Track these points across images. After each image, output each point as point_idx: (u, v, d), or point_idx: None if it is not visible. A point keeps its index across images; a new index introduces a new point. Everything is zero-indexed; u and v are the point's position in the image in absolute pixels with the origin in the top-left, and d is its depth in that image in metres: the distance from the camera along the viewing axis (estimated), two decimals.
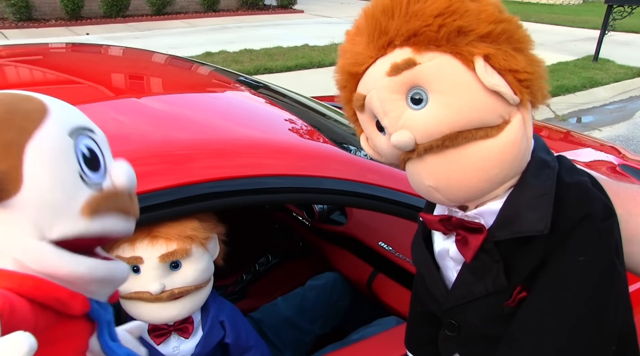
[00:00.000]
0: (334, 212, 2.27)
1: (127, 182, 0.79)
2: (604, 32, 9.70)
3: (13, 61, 2.16)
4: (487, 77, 0.80)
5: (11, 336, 0.53)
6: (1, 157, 0.63)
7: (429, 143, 0.85)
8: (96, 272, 0.72)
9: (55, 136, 0.69)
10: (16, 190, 0.64)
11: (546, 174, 0.88)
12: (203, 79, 2.32)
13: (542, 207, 0.85)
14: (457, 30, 0.81)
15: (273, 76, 8.12)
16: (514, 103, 0.83)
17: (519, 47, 0.82)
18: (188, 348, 1.39)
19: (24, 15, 12.60)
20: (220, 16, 15.38)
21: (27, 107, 0.69)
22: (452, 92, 0.82)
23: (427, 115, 0.84)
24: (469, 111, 0.82)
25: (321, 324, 2.09)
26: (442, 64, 0.82)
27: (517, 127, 0.84)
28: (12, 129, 0.65)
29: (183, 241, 1.26)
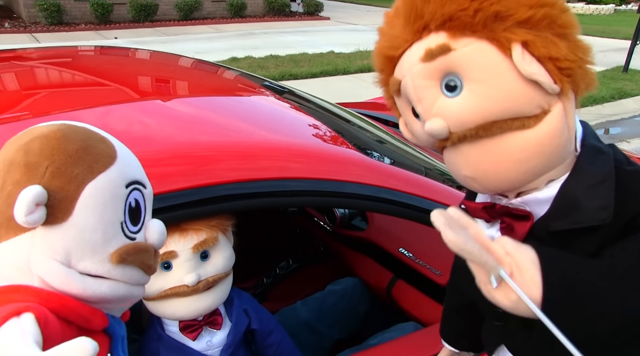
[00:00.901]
0: (355, 218, 2.27)
1: (157, 240, 0.84)
2: (635, 43, 9.56)
3: (44, 63, 2.21)
4: (525, 65, 0.76)
5: (77, 340, 0.57)
6: (62, 187, 0.69)
7: (462, 133, 0.83)
8: (117, 292, 0.77)
9: (114, 183, 0.74)
10: (64, 219, 0.69)
11: (602, 160, 0.84)
12: (228, 82, 2.34)
13: (603, 195, 0.81)
14: (494, 15, 0.77)
15: (298, 82, 8.15)
16: (554, 92, 0.79)
17: (562, 33, 0.78)
18: (220, 339, 1.42)
19: (55, 19, 12.83)
20: (247, 22, 15.49)
21: (99, 149, 0.75)
22: (487, 80, 0.79)
23: (461, 103, 0.81)
24: (504, 101, 0.79)
25: (340, 329, 2.10)
26: (478, 51, 0.79)
27: (558, 117, 0.81)
28: (81, 165, 0.71)
29: (211, 229, 1.30)
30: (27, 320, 0.61)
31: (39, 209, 0.66)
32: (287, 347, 1.57)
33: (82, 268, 0.72)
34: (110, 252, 0.74)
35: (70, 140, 0.72)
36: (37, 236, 0.69)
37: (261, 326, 1.51)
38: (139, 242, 0.80)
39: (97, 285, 0.74)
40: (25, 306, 0.63)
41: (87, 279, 0.73)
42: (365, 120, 2.48)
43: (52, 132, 0.72)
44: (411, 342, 1.51)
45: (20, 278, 0.71)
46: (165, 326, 1.41)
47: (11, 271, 0.71)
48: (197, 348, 1.39)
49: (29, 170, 0.68)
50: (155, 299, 1.30)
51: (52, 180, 0.68)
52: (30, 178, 0.68)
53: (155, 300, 1.31)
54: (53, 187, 0.68)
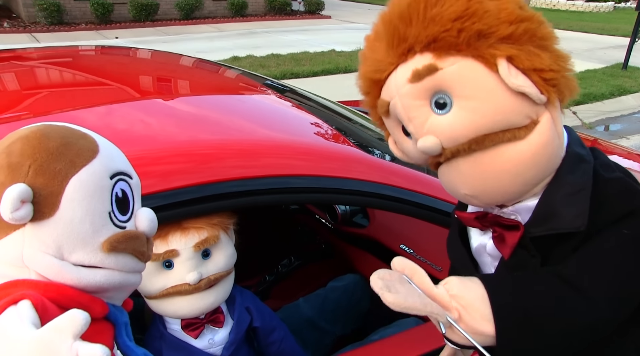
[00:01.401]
0: (357, 215, 2.28)
1: (148, 227, 0.86)
2: (634, 40, 9.57)
3: (45, 63, 2.22)
4: (512, 78, 0.79)
5: (68, 312, 0.60)
6: (46, 183, 0.71)
7: (455, 148, 0.84)
8: (112, 280, 0.79)
9: (98, 175, 0.77)
10: (51, 214, 0.72)
11: (582, 169, 0.87)
12: (230, 81, 2.34)
13: (579, 203, 0.84)
14: (477, 33, 0.80)
15: (299, 81, 8.14)
16: (541, 102, 0.81)
17: (543, 45, 0.81)
18: (222, 337, 1.43)
19: (55, 19, 12.82)
20: (248, 21, 15.48)
21: (80, 144, 0.77)
22: (476, 95, 0.81)
23: (452, 119, 0.83)
24: (494, 114, 0.81)
25: (342, 325, 2.10)
26: (464, 68, 0.81)
27: (547, 126, 0.83)
28: (63, 161, 0.73)
29: (212, 228, 1.31)
30: (24, 306, 0.64)
31: (24, 206, 0.69)
32: (290, 344, 1.58)
33: (75, 260, 0.75)
34: (101, 241, 0.77)
35: (50, 138, 0.74)
36: (27, 233, 0.72)
37: (263, 324, 1.52)
38: (129, 230, 0.82)
39: (92, 275, 0.76)
40: (21, 295, 0.66)
41: (81, 270, 0.75)
42: (367, 118, 2.49)
43: (32, 133, 0.75)
44: (412, 337, 1.51)
45: (18, 275, 0.73)
46: (167, 325, 1.41)
47: (8, 268, 0.74)
48: (199, 346, 1.40)
49: (12, 170, 0.71)
50: (157, 298, 1.31)
51: (35, 177, 0.71)
52: (14, 178, 0.71)
53: (157, 299, 1.32)
54: (37, 184, 0.71)
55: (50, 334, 0.59)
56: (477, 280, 0.87)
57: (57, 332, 0.59)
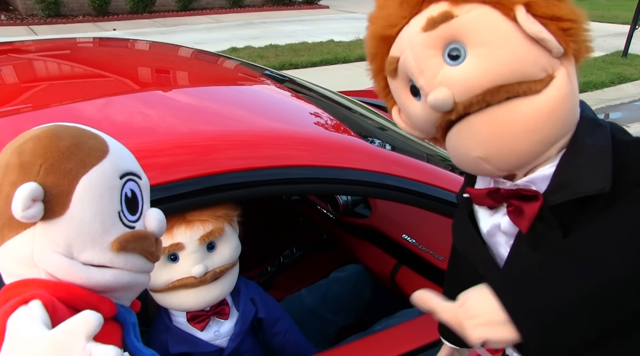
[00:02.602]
0: (358, 205, 2.28)
1: (157, 228, 0.87)
2: (634, 27, 9.51)
3: (42, 55, 2.21)
4: (530, 24, 0.76)
5: (82, 313, 0.62)
6: (57, 182, 0.72)
7: (468, 100, 0.80)
8: (121, 280, 0.80)
9: (108, 175, 0.78)
10: (61, 213, 0.73)
11: (600, 132, 0.84)
12: (229, 72, 2.34)
13: (600, 165, 0.80)
14: None
15: (298, 71, 8.12)
16: (558, 53, 0.79)
17: None
18: (227, 329, 1.43)
19: (52, 11, 12.76)
20: (246, 12, 15.42)
21: (91, 144, 0.78)
22: (493, 43, 0.79)
23: (466, 69, 0.80)
24: (510, 62, 0.78)
25: (344, 315, 2.11)
26: (481, 15, 0.79)
27: (564, 81, 0.80)
28: (74, 161, 0.74)
29: (217, 220, 1.31)
30: (35, 306, 0.65)
31: (35, 204, 0.70)
32: (294, 335, 1.58)
33: (85, 259, 0.75)
34: (111, 240, 0.78)
35: (62, 138, 0.75)
36: (37, 231, 0.73)
37: (268, 314, 1.52)
38: (139, 230, 0.83)
39: (101, 274, 0.77)
40: (32, 294, 0.67)
41: (91, 269, 0.76)
42: (367, 108, 2.48)
43: (43, 132, 0.75)
44: (415, 327, 1.51)
45: (28, 274, 0.74)
46: (172, 318, 1.41)
47: (18, 268, 0.75)
48: (205, 338, 1.40)
49: (23, 169, 0.72)
50: (163, 291, 1.31)
51: (46, 176, 0.72)
52: (25, 177, 0.71)
53: (163, 292, 1.31)
54: (48, 183, 0.72)
55: (64, 335, 0.60)
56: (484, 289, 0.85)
57: (71, 333, 0.60)
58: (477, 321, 0.84)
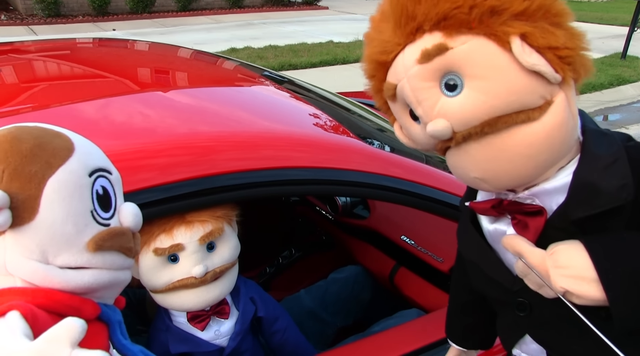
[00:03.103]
0: (357, 206, 2.28)
1: (133, 222, 0.84)
2: (633, 29, 9.53)
3: (42, 56, 2.21)
4: (526, 56, 0.75)
5: (64, 321, 0.59)
6: (22, 187, 0.69)
7: (467, 131, 0.81)
8: (101, 279, 0.78)
9: (76, 174, 0.75)
10: (31, 218, 0.70)
11: (608, 141, 0.83)
12: (228, 73, 2.34)
13: (619, 174, 0.80)
14: (490, 10, 0.76)
15: (297, 72, 8.12)
16: (556, 81, 0.78)
17: (557, 22, 0.77)
18: (227, 328, 1.43)
19: (52, 11, 12.77)
20: (246, 12, 15.43)
21: (55, 144, 0.75)
22: (489, 75, 0.78)
23: (464, 101, 0.80)
24: (507, 94, 0.78)
25: (343, 316, 2.11)
26: (476, 47, 0.78)
27: (562, 106, 0.80)
28: (38, 163, 0.71)
29: (216, 220, 1.31)
30: (13, 317, 0.62)
31: (2, 213, 0.67)
32: (293, 333, 1.59)
33: (61, 263, 0.73)
34: (86, 241, 0.75)
35: (22, 140, 0.72)
36: (8, 240, 0.70)
37: (267, 313, 1.52)
38: (114, 227, 0.81)
39: (80, 276, 0.75)
40: (9, 306, 0.64)
41: (68, 272, 0.74)
42: (366, 109, 2.48)
43: (2, 136, 0.72)
44: (414, 328, 1.52)
45: (3, 283, 0.71)
46: (173, 318, 1.42)
47: None
48: (205, 337, 1.41)
49: None
50: (163, 291, 1.31)
51: (10, 182, 0.69)
52: None
53: (163, 293, 1.32)
54: (13, 188, 0.69)
55: (48, 345, 0.57)
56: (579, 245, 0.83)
57: (54, 342, 0.58)
58: (565, 272, 0.82)
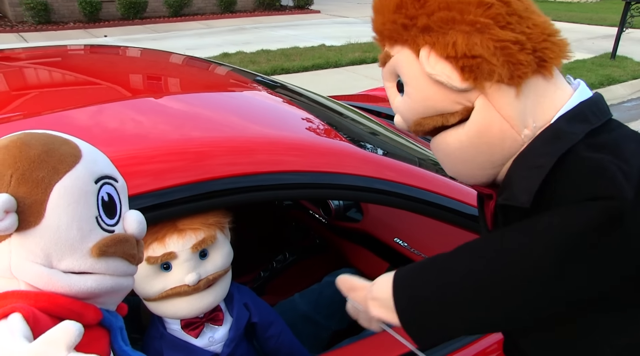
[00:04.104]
0: (350, 209, 2.28)
1: (137, 230, 0.86)
2: (622, 30, 9.59)
3: (33, 63, 2.20)
4: (427, 67, 0.84)
5: (61, 324, 0.60)
6: (29, 192, 0.71)
7: (410, 127, 0.93)
8: (104, 285, 0.79)
9: (82, 180, 0.76)
10: (36, 222, 0.71)
11: (553, 146, 0.82)
12: (220, 78, 2.34)
13: (530, 180, 0.82)
14: (403, 26, 0.85)
15: (290, 76, 8.13)
16: (458, 89, 0.83)
17: (474, 29, 0.81)
18: (222, 335, 1.43)
19: (42, 18, 12.72)
20: (237, 17, 15.43)
21: (62, 150, 0.76)
22: (409, 81, 0.89)
23: (402, 102, 0.93)
24: (422, 99, 0.88)
25: (338, 320, 2.11)
26: (401, 56, 0.89)
27: (481, 113, 0.84)
28: (45, 168, 0.72)
29: (208, 228, 1.31)
30: (15, 320, 0.63)
31: (8, 216, 0.68)
32: (287, 338, 1.59)
33: (65, 267, 0.74)
34: (90, 246, 0.76)
35: (31, 146, 0.73)
36: (13, 243, 0.71)
37: (261, 319, 1.52)
38: (118, 233, 0.82)
39: (83, 281, 0.76)
40: (11, 308, 0.65)
41: (72, 277, 0.75)
42: (358, 113, 2.49)
43: (12, 142, 0.74)
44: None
45: (6, 286, 0.72)
46: (166, 325, 1.41)
47: None
48: (199, 344, 1.40)
49: None
50: (157, 299, 1.31)
51: (18, 187, 0.70)
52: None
53: (157, 301, 1.31)
54: (20, 193, 0.70)
55: (44, 347, 0.58)
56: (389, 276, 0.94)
57: (51, 345, 0.58)
58: (376, 303, 0.95)
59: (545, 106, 0.86)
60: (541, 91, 0.86)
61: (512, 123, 0.85)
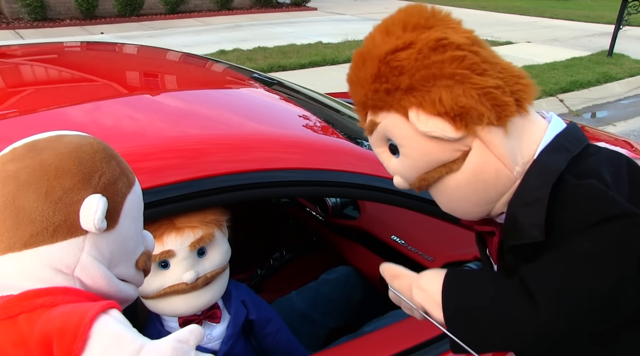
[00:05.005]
0: (347, 207, 2.28)
1: (151, 247, 0.93)
2: (619, 27, 9.58)
3: (29, 60, 2.20)
4: (420, 126, 0.87)
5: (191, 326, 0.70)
6: (112, 198, 0.76)
7: (413, 184, 0.96)
8: (135, 294, 0.86)
9: (140, 197, 0.83)
10: (112, 226, 0.77)
11: (542, 179, 0.87)
12: (217, 75, 2.34)
13: (535, 214, 0.85)
14: (386, 91, 0.89)
15: (287, 74, 8.11)
16: (454, 139, 0.87)
17: (455, 81, 0.85)
18: (219, 332, 1.43)
19: (39, 15, 12.66)
20: (234, 14, 15.39)
21: (125, 164, 0.83)
22: (404, 143, 0.92)
23: (399, 163, 0.96)
24: (421, 156, 0.91)
25: (335, 317, 2.11)
26: (391, 122, 0.92)
27: (477, 155, 0.89)
28: (123, 180, 0.79)
29: (206, 226, 1.31)
30: (118, 314, 0.69)
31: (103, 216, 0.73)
32: (285, 335, 1.59)
33: (117, 273, 0.80)
34: (137, 258, 0.83)
35: (111, 155, 0.79)
36: (88, 241, 0.74)
37: (259, 316, 1.52)
38: (147, 249, 0.89)
39: (127, 288, 0.82)
40: (108, 304, 0.69)
41: (121, 283, 0.81)
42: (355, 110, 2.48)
43: (95, 143, 0.78)
44: (405, 328, 1.52)
45: (61, 281, 0.74)
46: (164, 323, 1.41)
47: (52, 274, 0.73)
48: None
49: (83, 179, 0.73)
50: (155, 298, 1.31)
51: (104, 190, 0.75)
52: (84, 186, 0.73)
53: (155, 299, 1.32)
54: (106, 197, 0.74)
55: (180, 344, 0.66)
56: (443, 273, 0.97)
57: (185, 343, 0.67)
58: (421, 293, 0.98)
59: (527, 142, 0.92)
60: (520, 129, 0.91)
61: (505, 162, 0.90)
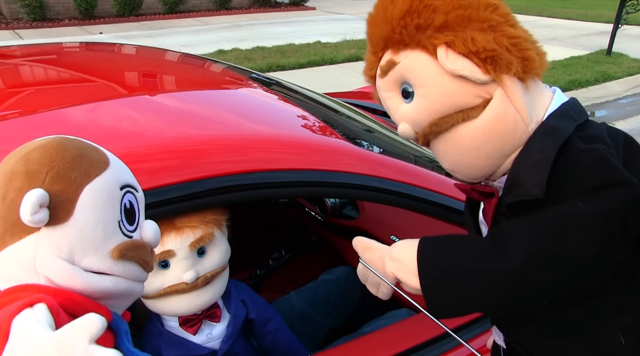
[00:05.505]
0: (346, 207, 2.28)
1: (153, 238, 0.91)
2: (617, 26, 9.59)
3: (28, 61, 2.20)
4: (448, 64, 0.87)
5: (85, 316, 0.63)
6: (62, 190, 0.75)
7: (422, 131, 0.96)
8: (119, 287, 0.83)
9: (109, 186, 0.82)
10: (65, 219, 0.75)
11: (551, 140, 0.89)
12: (216, 76, 2.34)
13: (539, 172, 0.86)
14: (416, 27, 0.89)
15: (285, 73, 8.13)
16: (483, 82, 0.88)
17: (486, 27, 0.88)
18: (219, 331, 1.44)
19: (38, 15, 12.66)
20: (233, 14, 15.39)
21: (94, 156, 0.82)
22: (425, 83, 0.91)
23: (412, 107, 0.95)
24: (441, 98, 0.90)
25: (334, 317, 2.11)
26: (413, 60, 0.92)
27: (499, 102, 0.89)
28: (78, 170, 0.78)
29: (206, 226, 1.32)
30: (40, 309, 0.67)
31: (42, 210, 0.72)
32: (285, 334, 1.59)
33: (86, 265, 0.78)
34: (111, 248, 0.80)
35: (67, 148, 0.78)
36: (41, 237, 0.75)
37: (259, 315, 1.52)
38: (137, 239, 0.86)
39: (101, 281, 0.79)
40: (38, 298, 0.69)
41: (91, 275, 0.78)
42: (354, 110, 2.49)
43: (49, 143, 0.79)
44: (404, 328, 1.53)
45: (27, 279, 0.76)
46: (164, 322, 1.42)
47: (17, 273, 0.76)
48: (197, 341, 1.41)
49: (29, 177, 0.75)
50: (155, 297, 1.31)
51: (52, 184, 0.74)
52: (31, 184, 0.74)
53: (155, 298, 1.32)
54: (54, 190, 0.74)
55: (68, 336, 0.61)
56: (417, 241, 0.97)
57: (74, 334, 0.62)
58: (395, 263, 0.98)
59: (538, 105, 0.94)
60: (534, 91, 0.94)
61: (523, 116, 0.91)
